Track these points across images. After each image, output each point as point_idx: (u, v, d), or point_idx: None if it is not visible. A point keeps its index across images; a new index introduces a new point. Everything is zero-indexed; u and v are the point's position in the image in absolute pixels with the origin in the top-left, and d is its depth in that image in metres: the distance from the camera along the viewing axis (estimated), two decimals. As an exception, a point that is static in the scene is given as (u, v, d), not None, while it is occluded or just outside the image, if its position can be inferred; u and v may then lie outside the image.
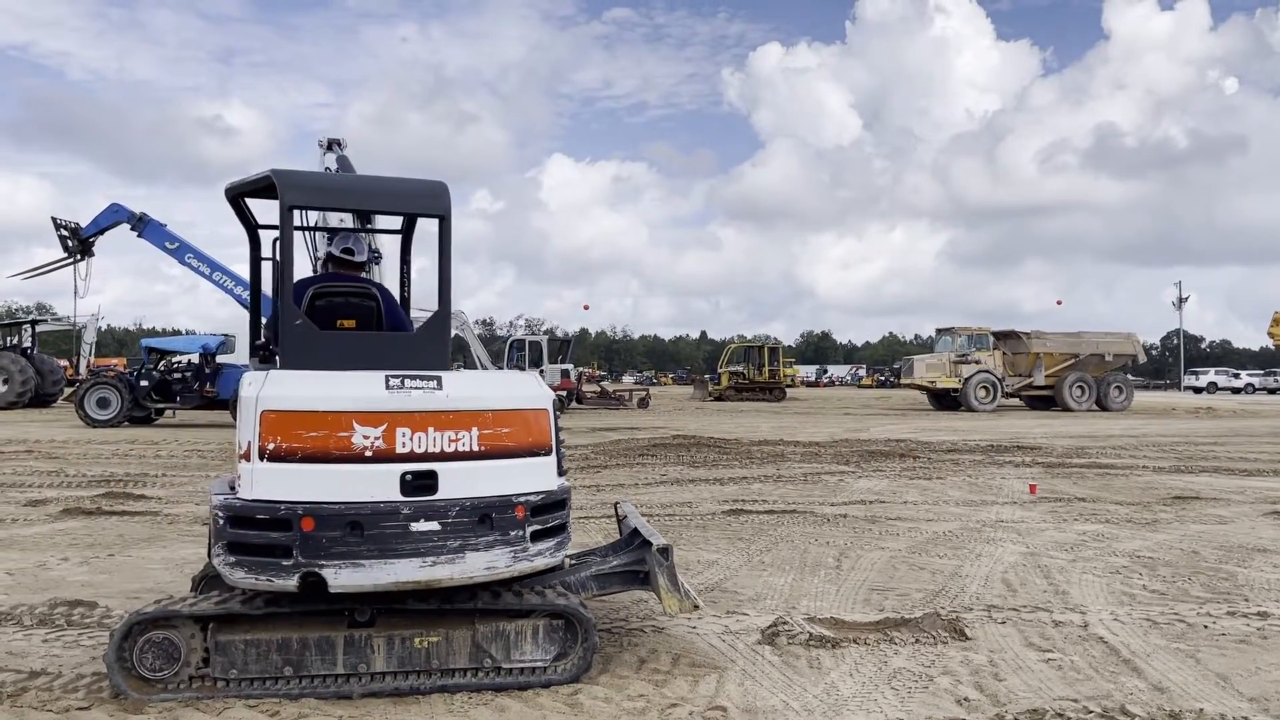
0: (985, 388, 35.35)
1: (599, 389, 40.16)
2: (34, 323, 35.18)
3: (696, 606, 5.03)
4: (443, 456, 4.32)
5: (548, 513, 4.62)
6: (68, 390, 32.18)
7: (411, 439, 4.29)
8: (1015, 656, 5.15)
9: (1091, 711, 4.33)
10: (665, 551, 5.02)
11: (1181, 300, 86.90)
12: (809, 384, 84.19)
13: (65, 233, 24.15)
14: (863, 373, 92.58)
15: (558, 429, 4.77)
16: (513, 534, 4.45)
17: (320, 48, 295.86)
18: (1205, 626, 5.77)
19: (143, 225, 22.97)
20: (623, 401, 38.28)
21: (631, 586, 5.26)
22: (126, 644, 4.41)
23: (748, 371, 47.36)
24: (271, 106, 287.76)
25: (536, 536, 4.53)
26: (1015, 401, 37.84)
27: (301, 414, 4.26)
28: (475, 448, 4.39)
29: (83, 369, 34.72)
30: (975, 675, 4.84)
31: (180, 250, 22.91)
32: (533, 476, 4.57)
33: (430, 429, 4.31)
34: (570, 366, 35.04)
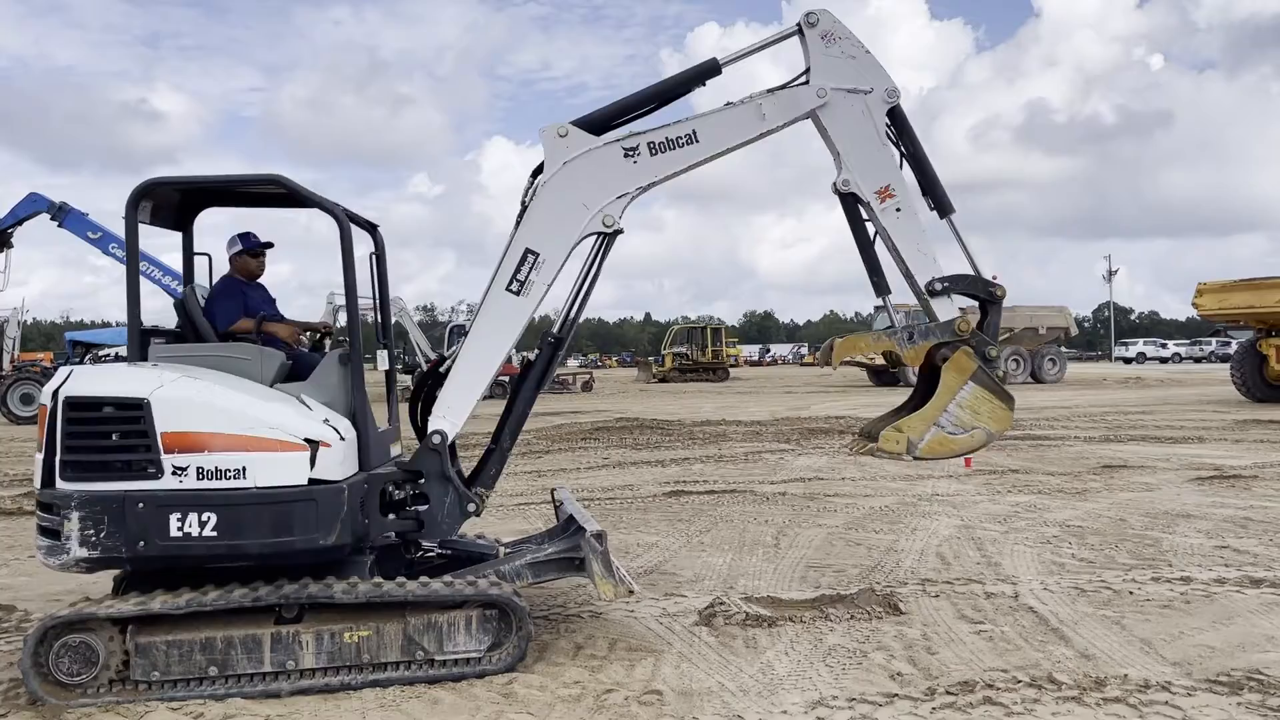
0: (923, 363, 35.84)
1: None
2: (-47, 318, 33.90)
3: (631, 591, 5.01)
4: None
5: (41, 512, 4.52)
6: (-9, 386, 31.10)
7: None
8: (948, 629, 5.22)
9: (1020, 681, 4.40)
10: (599, 537, 4.98)
11: (1111, 273, 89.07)
12: (752, 363, 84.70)
13: (-19, 224, 23.23)
14: (805, 351, 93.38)
15: (71, 429, 4.46)
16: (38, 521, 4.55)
17: (251, 30, 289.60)
18: (1131, 593, 5.90)
19: (63, 215, 22.12)
20: (566, 386, 38.15)
21: (568, 573, 5.21)
22: (42, 649, 4.27)
23: (691, 352, 47.46)
24: (200, 90, 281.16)
25: (40, 531, 4.50)
26: (953, 376, 38.46)
27: None
28: None
29: (6, 364, 33.57)
30: (909, 649, 4.89)
31: (103, 240, 22.13)
32: (36, 471, 4.54)
33: None
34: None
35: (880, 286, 5.40)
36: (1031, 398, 27.21)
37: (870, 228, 5.35)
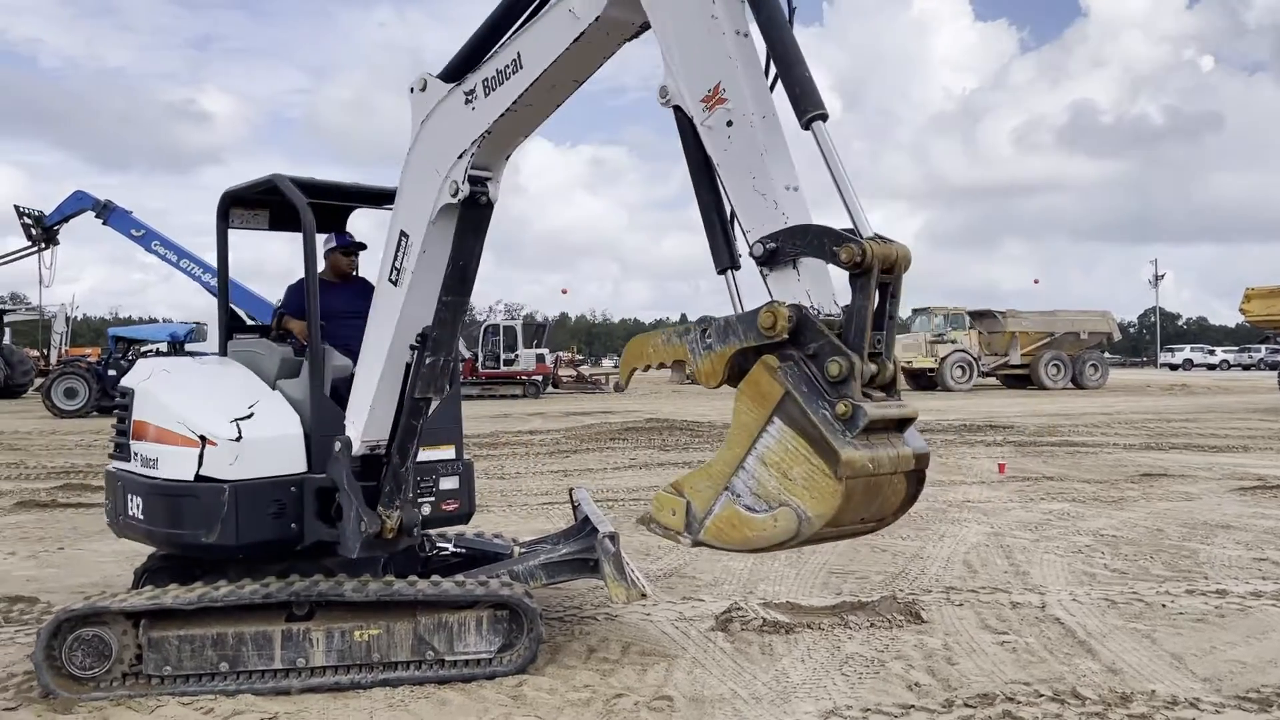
0: (961, 367, 35.40)
1: (575, 373, 39.99)
2: (1, 313, 34.64)
3: (644, 595, 4.95)
4: None
5: None
6: (39, 381, 31.73)
7: None
8: (970, 639, 5.09)
9: (1042, 695, 4.28)
10: (613, 538, 4.92)
11: (1158, 278, 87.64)
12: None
13: (29, 221, 23.73)
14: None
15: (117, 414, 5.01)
16: None
17: (296, 32, 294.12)
18: (1163, 605, 5.73)
19: (107, 212, 22.59)
20: (599, 385, 38.15)
21: (581, 575, 5.17)
22: (55, 642, 4.29)
23: (726, 354, 47.22)
24: (246, 92, 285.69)
25: None
26: (992, 381, 37.97)
27: None
28: None
29: (54, 359, 34.22)
30: (928, 659, 4.78)
31: (146, 238, 22.54)
32: None
33: None
34: (545, 351, 34.77)
35: (722, 255, 3.40)
36: (1071, 404, 26.78)
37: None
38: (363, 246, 5.73)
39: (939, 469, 12.30)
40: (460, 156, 4.24)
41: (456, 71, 4.25)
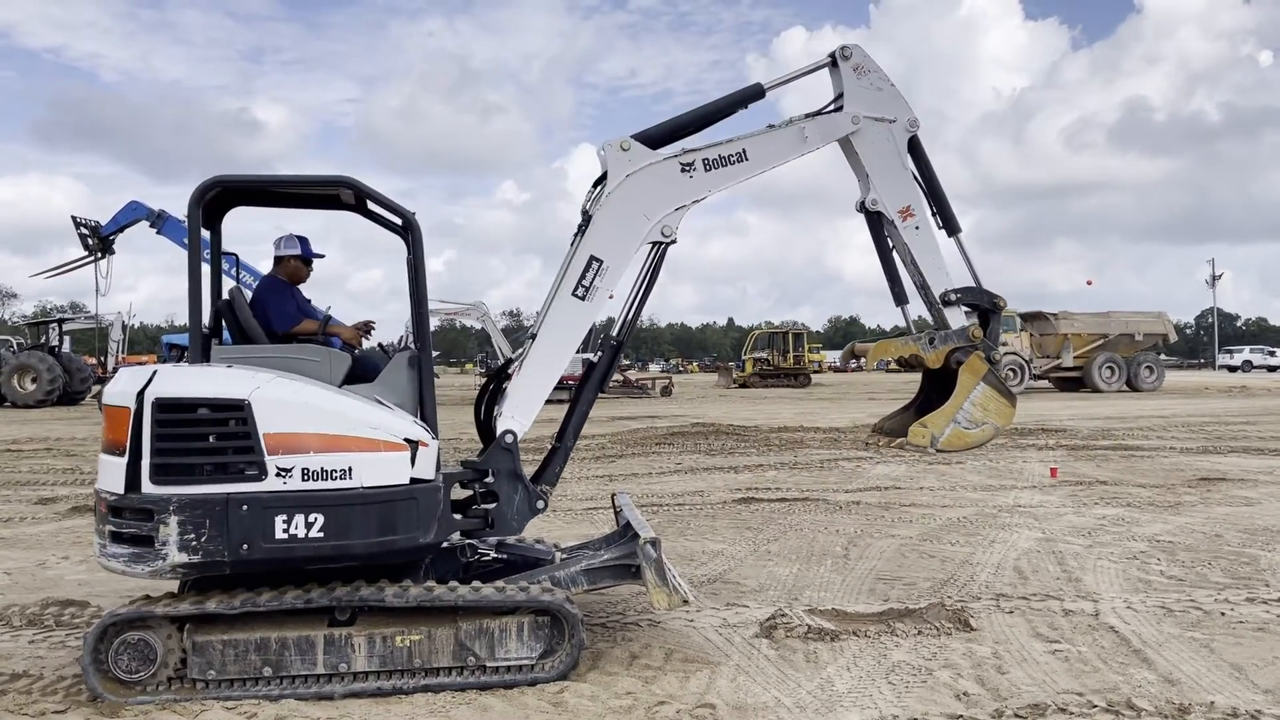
0: (1013, 370, 34.76)
1: (622, 378, 39.97)
2: (60, 321, 35.52)
3: (686, 601, 4.88)
4: None
5: (122, 518, 4.40)
6: (96, 387, 32.47)
7: None
8: (1021, 648, 4.97)
9: (1096, 706, 4.15)
10: (654, 544, 4.87)
11: (1215, 278, 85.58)
12: (837, 370, 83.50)
13: (85, 231, 24.26)
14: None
15: (163, 431, 4.37)
16: (101, 527, 4.51)
17: (349, 44, 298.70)
18: (1222, 614, 5.56)
19: (161, 222, 23.03)
20: (645, 390, 38.11)
21: (623, 581, 5.12)
22: (102, 646, 4.34)
23: (772, 358, 46.98)
24: (299, 103, 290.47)
25: (115, 538, 4.42)
26: (1044, 383, 37.31)
27: None
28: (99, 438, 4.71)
29: (111, 366, 35.01)
30: (977, 668, 4.67)
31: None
32: (109, 475, 4.49)
33: None
34: (591, 356, 34.77)
35: (900, 296, 5.91)
36: (1126, 406, 26.21)
37: (890, 243, 5.82)
38: (321, 256, 5.76)
39: (989, 473, 12.10)
40: (678, 209, 5.37)
41: (657, 141, 5.41)
